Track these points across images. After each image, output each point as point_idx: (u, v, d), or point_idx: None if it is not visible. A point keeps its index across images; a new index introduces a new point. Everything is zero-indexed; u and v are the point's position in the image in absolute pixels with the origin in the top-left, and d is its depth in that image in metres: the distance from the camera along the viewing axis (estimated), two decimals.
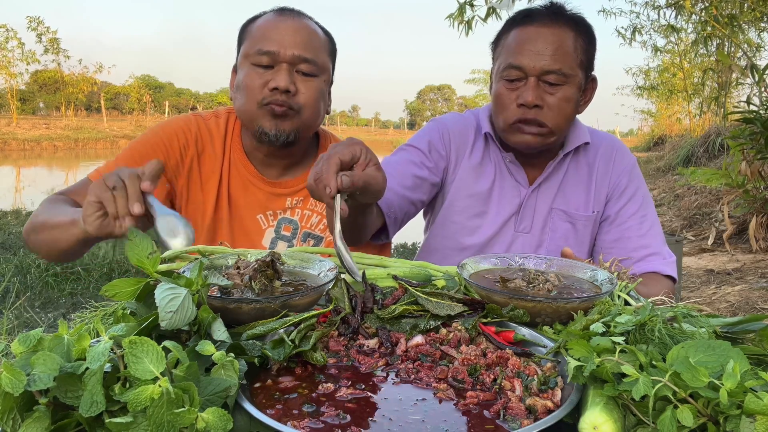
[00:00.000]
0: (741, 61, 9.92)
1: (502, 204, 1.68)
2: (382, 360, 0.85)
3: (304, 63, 1.58)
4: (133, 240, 0.89)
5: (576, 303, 0.96)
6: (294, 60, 1.57)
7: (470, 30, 7.26)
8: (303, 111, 1.60)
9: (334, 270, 1.06)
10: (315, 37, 1.62)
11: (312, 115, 1.62)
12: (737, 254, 5.29)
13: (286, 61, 1.57)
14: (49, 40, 32.93)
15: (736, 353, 0.65)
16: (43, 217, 1.47)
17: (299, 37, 1.59)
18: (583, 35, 1.55)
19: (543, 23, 1.53)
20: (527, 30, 1.54)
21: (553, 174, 1.68)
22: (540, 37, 1.51)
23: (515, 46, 1.54)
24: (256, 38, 1.60)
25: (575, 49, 1.53)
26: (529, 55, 1.50)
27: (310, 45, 1.60)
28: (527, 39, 1.52)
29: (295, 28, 1.60)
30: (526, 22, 1.55)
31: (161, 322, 0.74)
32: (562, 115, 1.54)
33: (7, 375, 0.60)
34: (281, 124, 1.59)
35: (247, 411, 0.67)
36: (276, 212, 1.72)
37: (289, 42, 1.57)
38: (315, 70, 1.60)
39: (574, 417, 0.69)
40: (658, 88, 17.52)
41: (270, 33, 1.59)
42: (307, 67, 1.59)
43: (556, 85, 1.51)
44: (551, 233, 1.67)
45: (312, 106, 1.61)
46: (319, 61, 1.61)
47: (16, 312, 4.03)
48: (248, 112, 1.61)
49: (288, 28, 1.59)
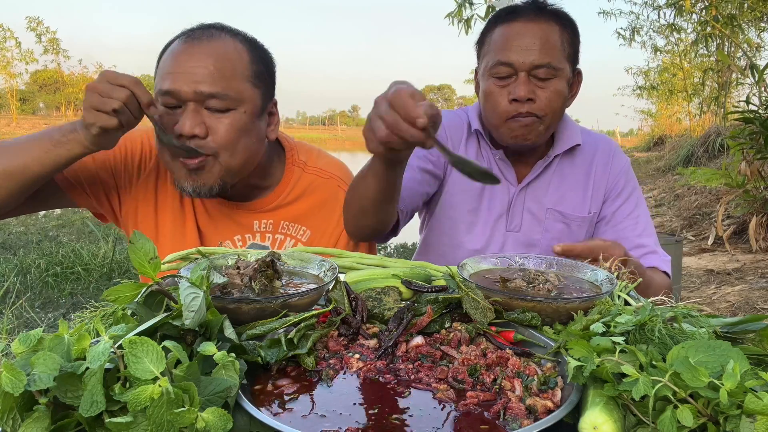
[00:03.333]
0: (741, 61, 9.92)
1: (492, 202, 1.69)
2: (382, 361, 0.85)
3: (212, 99, 1.34)
4: (135, 243, 0.89)
5: (576, 303, 0.96)
6: (198, 97, 1.33)
7: (469, 28, 7.26)
8: (219, 154, 1.36)
9: (334, 270, 1.06)
10: (224, 64, 1.36)
11: (234, 155, 1.38)
12: (737, 254, 5.29)
13: (190, 99, 1.33)
14: (48, 40, 32.92)
15: (736, 353, 0.65)
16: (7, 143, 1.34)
17: (204, 69, 1.34)
18: (568, 28, 1.55)
19: (528, 18, 1.52)
20: (513, 26, 1.53)
21: (543, 174, 1.68)
22: (527, 32, 1.51)
23: (502, 42, 1.53)
24: (160, 74, 1.39)
25: (562, 42, 1.53)
26: (518, 51, 1.50)
27: (219, 76, 1.34)
28: (514, 35, 1.52)
29: (200, 58, 1.35)
30: (510, 18, 1.55)
31: (185, 321, 0.74)
32: (554, 108, 1.54)
33: (7, 375, 0.60)
34: (197, 178, 1.37)
35: (247, 411, 0.67)
36: (245, 237, 1.56)
37: (190, 77, 1.33)
38: (228, 104, 1.36)
39: (574, 417, 0.69)
40: (658, 88, 17.52)
41: (172, 67, 1.36)
42: (216, 103, 1.35)
43: (546, 79, 1.51)
44: (545, 233, 1.67)
45: (231, 147, 1.37)
46: (233, 93, 1.36)
47: (16, 312, 4.03)
48: (167, 165, 1.42)
49: (190, 59, 1.35)
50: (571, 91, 1.61)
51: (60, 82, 36.11)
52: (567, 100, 1.59)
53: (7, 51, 30.57)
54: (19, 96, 34.59)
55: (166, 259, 1.11)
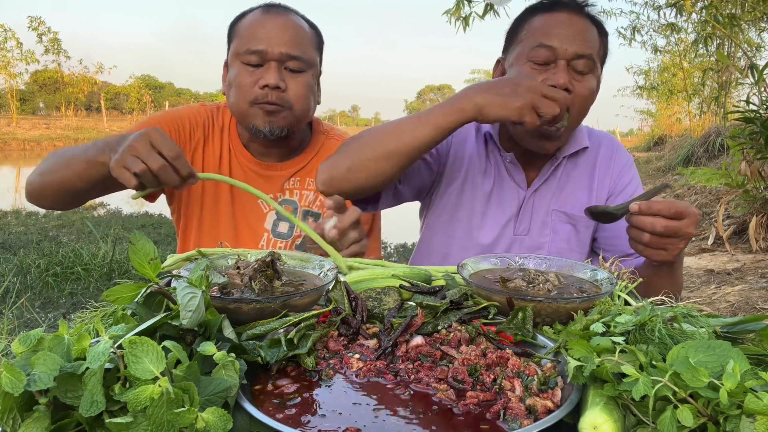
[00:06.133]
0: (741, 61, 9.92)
1: (501, 206, 1.67)
2: (382, 360, 0.85)
3: (292, 60, 1.64)
4: (135, 244, 0.89)
5: (576, 303, 0.96)
6: (282, 58, 1.63)
7: (467, 26, 7.26)
8: (294, 106, 1.67)
9: (334, 270, 1.06)
10: (302, 34, 1.68)
11: (303, 109, 1.69)
12: (737, 254, 5.29)
13: (275, 59, 1.62)
14: (50, 40, 32.92)
15: (736, 353, 0.65)
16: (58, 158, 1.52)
17: (286, 35, 1.64)
18: (603, 35, 1.56)
19: (572, 11, 1.52)
20: (557, 15, 1.51)
21: (552, 176, 1.67)
22: (571, 23, 1.49)
23: (545, 28, 1.50)
24: (244, 37, 1.66)
25: (600, 43, 1.53)
26: (561, 38, 1.47)
27: (297, 42, 1.65)
28: (558, 23, 1.50)
29: (282, 25, 1.65)
30: (553, 8, 1.53)
31: (182, 321, 0.74)
32: (585, 106, 1.52)
33: (7, 375, 0.60)
34: (274, 120, 1.66)
35: (247, 411, 0.67)
36: (276, 195, 1.80)
37: (276, 40, 1.62)
38: (303, 66, 1.66)
39: (574, 417, 0.69)
40: (658, 88, 17.51)
41: (258, 32, 1.64)
42: (294, 63, 1.65)
43: (584, 72, 1.49)
44: (552, 235, 1.66)
45: (302, 101, 1.68)
46: (306, 57, 1.67)
47: (17, 312, 4.03)
48: (241, 111, 1.68)
49: (275, 26, 1.65)
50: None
51: (60, 82, 36.09)
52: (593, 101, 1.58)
53: (8, 51, 30.56)
54: (19, 96, 34.55)
55: (166, 263, 1.11)
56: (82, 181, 1.45)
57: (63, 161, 1.49)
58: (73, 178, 1.46)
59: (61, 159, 1.51)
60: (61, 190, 1.50)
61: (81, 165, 1.44)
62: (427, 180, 1.69)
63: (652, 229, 1.20)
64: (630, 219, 1.24)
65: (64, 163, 1.49)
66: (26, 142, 25.02)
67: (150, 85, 56.39)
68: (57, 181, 1.49)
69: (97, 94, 42.97)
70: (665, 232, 1.19)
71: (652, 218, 1.20)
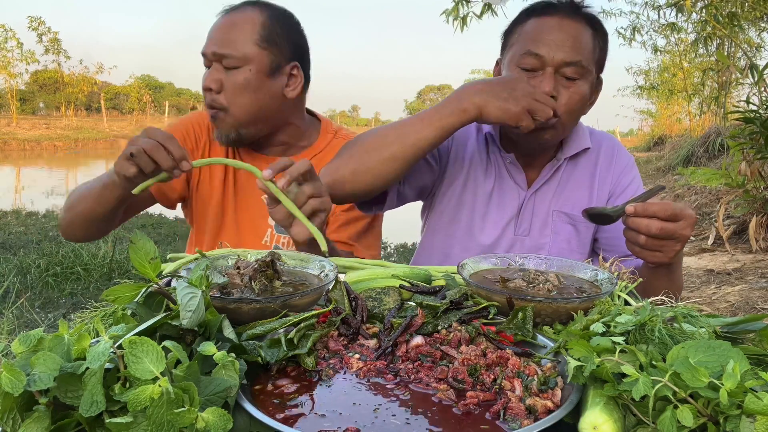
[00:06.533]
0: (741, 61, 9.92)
1: (501, 207, 1.67)
2: (382, 361, 0.85)
3: (224, 58, 1.61)
4: (136, 244, 0.89)
5: (576, 303, 0.96)
6: (215, 57, 1.62)
7: (465, 26, 7.26)
8: (230, 107, 1.63)
9: (334, 270, 1.06)
10: (236, 30, 1.62)
11: (242, 108, 1.63)
12: (737, 254, 5.29)
13: (211, 60, 1.63)
14: (50, 40, 32.90)
15: (736, 353, 0.65)
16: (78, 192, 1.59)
17: (220, 34, 1.63)
18: (600, 35, 1.54)
19: (565, 15, 1.50)
20: (548, 20, 1.50)
21: (552, 177, 1.67)
22: (562, 28, 1.48)
23: (534, 34, 1.50)
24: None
25: (593, 46, 1.51)
26: (550, 45, 1.46)
27: (228, 39, 1.61)
28: (548, 28, 1.49)
29: (221, 25, 1.64)
30: (546, 12, 1.52)
31: (182, 321, 0.74)
32: (575, 110, 1.52)
33: (7, 375, 0.60)
34: (218, 129, 1.67)
35: (247, 411, 0.67)
36: None
37: (212, 41, 1.62)
38: (235, 63, 1.61)
39: (574, 417, 0.69)
40: (658, 88, 17.51)
41: (208, 34, 1.66)
42: (227, 61, 1.61)
43: (573, 78, 1.48)
44: (553, 236, 1.66)
45: (238, 100, 1.62)
46: (239, 53, 1.61)
47: (17, 312, 4.03)
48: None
49: (217, 27, 1.64)
50: (591, 97, 1.60)
51: (60, 82, 36.08)
52: (587, 104, 1.57)
53: (8, 51, 30.55)
54: (19, 96, 34.55)
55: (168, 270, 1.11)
56: (102, 206, 1.50)
57: (82, 193, 1.56)
58: (93, 205, 1.52)
59: (80, 192, 1.58)
60: (87, 220, 1.57)
61: (97, 191, 1.49)
62: (428, 180, 1.69)
63: (647, 231, 1.20)
64: (626, 221, 1.24)
65: (83, 195, 1.55)
66: (26, 142, 25.03)
67: (150, 85, 56.37)
68: (80, 212, 1.56)
69: (97, 94, 42.96)
70: (660, 234, 1.19)
71: (647, 220, 1.19)
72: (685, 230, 1.20)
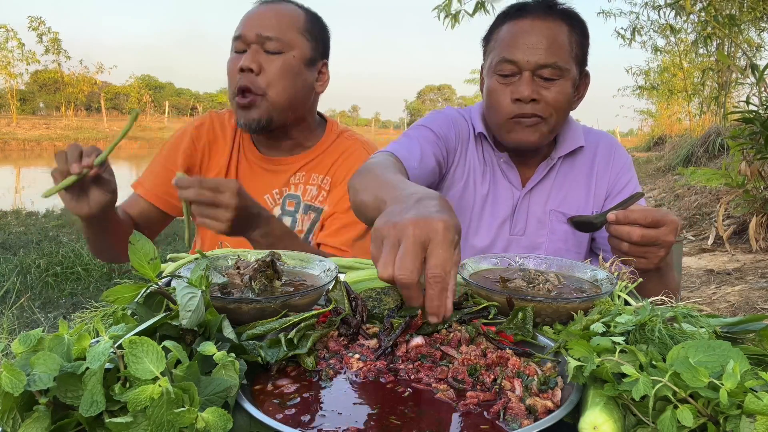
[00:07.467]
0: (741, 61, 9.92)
1: (496, 207, 1.67)
2: (382, 361, 0.85)
3: (268, 41, 1.63)
4: (135, 244, 0.89)
5: (576, 303, 0.96)
6: (258, 40, 1.63)
7: (456, 23, 7.24)
8: (269, 90, 1.64)
9: (334, 270, 1.06)
10: (281, 17, 1.68)
11: (281, 92, 1.65)
12: (737, 254, 5.29)
13: (251, 42, 1.64)
14: (50, 41, 32.88)
15: (736, 353, 0.65)
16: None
17: (265, 19, 1.66)
18: (577, 29, 1.53)
19: (537, 16, 1.50)
20: (520, 23, 1.51)
21: (547, 176, 1.67)
22: (534, 30, 1.49)
23: (509, 39, 1.51)
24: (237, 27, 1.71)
25: (570, 42, 1.51)
26: (524, 49, 1.48)
27: (274, 24, 1.65)
28: (521, 32, 1.50)
29: (264, 11, 1.68)
30: (519, 15, 1.53)
31: (182, 321, 0.74)
32: (559, 110, 1.52)
33: (7, 375, 0.60)
34: (248, 114, 1.66)
35: (247, 411, 0.67)
36: (282, 190, 1.82)
37: (254, 24, 1.65)
38: (280, 47, 1.64)
39: (574, 417, 0.69)
40: (658, 88, 17.51)
41: (245, 20, 1.69)
42: (271, 45, 1.64)
43: (551, 79, 1.49)
44: (550, 235, 1.66)
45: (278, 83, 1.64)
46: (285, 38, 1.65)
47: (17, 312, 4.03)
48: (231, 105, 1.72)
49: (258, 13, 1.68)
50: (578, 92, 1.59)
51: (60, 83, 36.07)
52: (572, 101, 1.57)
53: (9, 52, 30.53)
54: (19, 96, 34.54)
55: (166, 271, 1.11)
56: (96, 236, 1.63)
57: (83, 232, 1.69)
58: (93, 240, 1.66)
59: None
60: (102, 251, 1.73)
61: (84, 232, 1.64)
62: (436, 178, 1.68)
63: (628, 238, 1.19)
64: (608, 228, 1.24)
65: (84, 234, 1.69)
66: (26, 142, 25.02)
67: (150, 85, 56.36)
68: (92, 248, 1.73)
69: (97, 94, 42.93)
70: (642, 241, 1.19)
71: (629, 228, 1.19)
72: (668, 236, 1.20)
